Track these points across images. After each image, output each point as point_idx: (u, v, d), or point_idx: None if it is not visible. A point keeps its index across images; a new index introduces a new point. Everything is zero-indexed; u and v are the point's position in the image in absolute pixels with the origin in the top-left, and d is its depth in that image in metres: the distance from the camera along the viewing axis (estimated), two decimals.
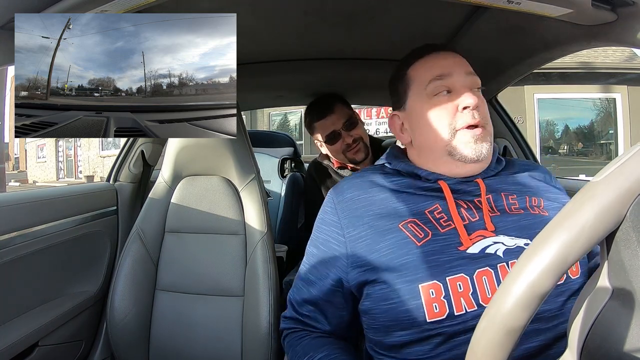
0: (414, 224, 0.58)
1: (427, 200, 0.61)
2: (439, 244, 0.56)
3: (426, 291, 0.54)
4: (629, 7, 0.60)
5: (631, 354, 0.24)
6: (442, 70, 0.63)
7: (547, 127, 7.22)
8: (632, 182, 0.24)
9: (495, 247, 0.56)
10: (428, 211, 0.60)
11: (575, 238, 0.25)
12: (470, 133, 0.60)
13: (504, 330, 0.26)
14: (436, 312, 0.53)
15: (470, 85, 0.62)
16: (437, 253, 0.56)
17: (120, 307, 0.94)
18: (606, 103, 6.89)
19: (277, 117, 9.02)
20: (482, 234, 0.57)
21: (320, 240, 0.67)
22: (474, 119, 0.60)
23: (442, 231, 0.57)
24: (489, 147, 0.61)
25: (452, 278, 0.54)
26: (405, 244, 0.57)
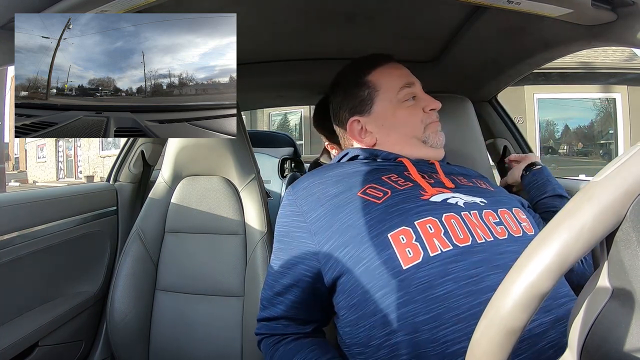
0: (371, 188, 0.61)
1: (383, 172, 0.65)
2: (399, 197, 0.58)
3: (396, 238, 0.53)
4: (629, 7, 0.60)
5: (631, 354, 0.24)
6: (408, 80, 0.74)
7: (547, 127, 7.22)
8: (632, 182, 0.24)
9: (455, 199, 0.59)
10: (385, 177, 0.63)
11: (575, 238, 0.25)
12: (435, 126, 0.74)
13: (504, 330, 0.26)
14: (410, 257, 0.51)
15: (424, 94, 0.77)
16: (401, 203, 0.57)
17: (120, 307, 0.94)
18: (606, 103, 6.89)
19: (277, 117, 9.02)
20: (441, 190, 0.61)
21: (283, 233, 0.66)
22: (436, 117, 0.74)
23: (401, 188, 0.60)
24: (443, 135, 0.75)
25: (420, 221, 0.54)
26: (366, 206, 0.58)
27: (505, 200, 0.65)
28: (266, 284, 0.67)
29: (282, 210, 0.68)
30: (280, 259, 0.65)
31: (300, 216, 0.64)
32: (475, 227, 0.55)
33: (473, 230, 0.54)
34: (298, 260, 0.62)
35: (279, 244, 0.67)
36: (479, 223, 0.56)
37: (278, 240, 0.67)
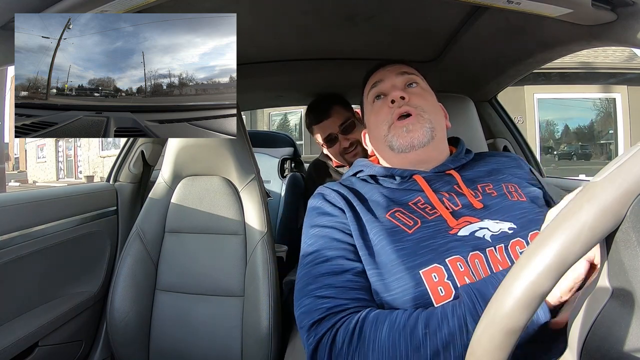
0: (400, 213, 0.59)
1: (408, 195, 0.63)
2: (430, 229, 0.57)
3: (428, 276, 0.52)
4: (629, 7, 0.60)
5: (631, 354, 0.24)
6: (375, 79, 0.73)
7: (547, 127, 7.22)
8: (631, 182, 0.24)
9: (482, 232, 0.57)
10: (411, 203, 0.61)
11: (575, 238, 0.25)
12: (400, 124, 0.66)
13: (504, 330, 0.26)
14: (442, 296, 0.51)
15: (402, 83, 0.71)
16: (430, 238, 0.56)
17: (120, 307, 0.94)
18: (606, 103, 6.88)
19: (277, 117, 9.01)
20: (468, 219, 0.58)
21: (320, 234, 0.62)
22: (402, 108, 0.66)
23: (430, 218, 0.59)
24: (424, 131, 0.65)
25: (451, 259, 0.53)
26: (396, 232, 0.57)
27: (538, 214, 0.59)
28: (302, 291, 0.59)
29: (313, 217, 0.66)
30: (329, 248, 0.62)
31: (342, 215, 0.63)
32: (498, 264, 0.53)
33: (494, 268, 0.53)
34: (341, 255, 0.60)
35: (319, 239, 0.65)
36: (503, 259, 0.54)
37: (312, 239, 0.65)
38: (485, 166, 0.70)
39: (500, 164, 0.71)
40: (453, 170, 0.66)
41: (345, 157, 1.30)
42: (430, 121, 0.67)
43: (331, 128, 1.28)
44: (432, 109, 0.69)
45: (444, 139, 0.71)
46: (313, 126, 1.33)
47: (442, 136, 0.70)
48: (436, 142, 0.67)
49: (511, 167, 0.70)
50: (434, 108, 0.70)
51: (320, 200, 0.67)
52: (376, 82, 0.73)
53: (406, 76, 0.72)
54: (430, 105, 0.69)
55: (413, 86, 0.72)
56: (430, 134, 0.66)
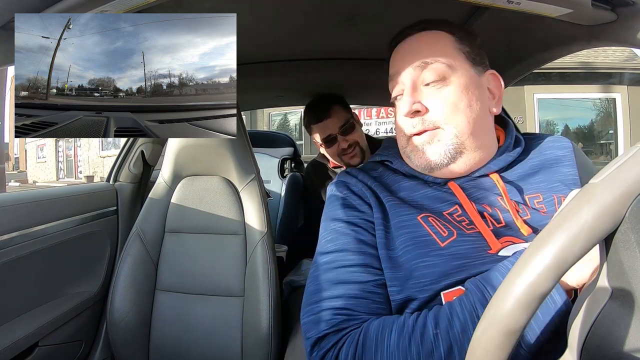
0: (434, 219, 0.50)
1: (444, 202, 0.53)
2: (466, 245, 0.48)
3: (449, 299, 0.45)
4: (629, 7, 0.60)
5: (631, 354, 0.24)
6: (393, 69, 0.59)
7: (547, 127, 7.22)
8: (630, 183, 0.24)
9: None
10: (447, 213, 0.52)
11: (574, 239, 0.25)
12: (417, 140, 0.54)
13: (504, 331, 0.26)
14: None
15: (420, 82, 0.55)
16: (465, 257, 0.46)
17: (120, 307, 0.94)
18: (606, 103, 6.89)
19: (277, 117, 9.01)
20: (511, 239, 0.48)
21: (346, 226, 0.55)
22: (413, 128, 0.54)
23: (468, 232, 0.49)
24: (442, 152, 0.53)
25: None
26: (425, 244, 0.48)
27: None
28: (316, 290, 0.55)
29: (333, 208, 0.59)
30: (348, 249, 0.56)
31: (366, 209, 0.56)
32: None
33: None
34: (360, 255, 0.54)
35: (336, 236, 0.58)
36: None
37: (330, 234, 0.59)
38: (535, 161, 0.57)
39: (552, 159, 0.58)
40: (496, 174, 0.55)
41: (343, 158, 1.30)
42: (455, 135, 0.53)
43: (331, 129, 1.28)
44: (460, 112, 0.53)
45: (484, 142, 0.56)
46: (312, 125, 1.33)
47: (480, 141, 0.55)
48: (468, 155, 0.54)
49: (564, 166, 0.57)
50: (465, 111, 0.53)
51: (344, 190, 0.58)
52: (393, 75, 0.59)
53: (427, 69, 0.55)
54: (455, 107, 0.53)
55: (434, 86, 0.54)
56: (454, 151, 0.53)
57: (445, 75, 0.54)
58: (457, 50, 0.56)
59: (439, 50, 0.55)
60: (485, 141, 0.57)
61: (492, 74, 0.60)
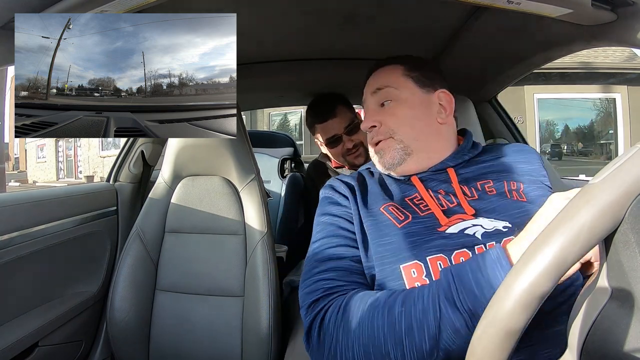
0: (394, 207, 0.62)
1: (407, 190, 0.66)
2: (418, 225, 0.58)
3: (408, 272, 0.55)
4: (629, 7, 0.60)
5: (631, 354, 0.24)
6: (364, 95, 0.74)
7: (547, 127, 7.22)
8: (630, 183, 0.24)
9: (474, 229, 0.57)
10: (408, 198, 0.64)
11: (574, 239, 0.25)
12: (376, 150, 0.70)
13: (504, 331, 0.26)
14: None
15: (376, 103, 0.71)
16: (417, 234, 0.57)
17: (120, 307, 0.94)
18: (606, 103, 6.89)
19: (277, 117, 9.02)
20: (461, 217, 0.59)
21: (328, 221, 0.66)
22: (372, 139, 0.70)
23: (422, 214, 0.60)
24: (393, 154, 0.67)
25: (432, 257, 0.55)
26: (386, 226, 0.60)
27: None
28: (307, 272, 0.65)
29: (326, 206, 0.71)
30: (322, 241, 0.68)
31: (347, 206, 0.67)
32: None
33: None
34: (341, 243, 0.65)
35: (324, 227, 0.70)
36: None
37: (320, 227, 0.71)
38: (491, 161, 0.69)
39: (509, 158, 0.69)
40: (451, 169, 0.66)
41: (348, 158, 1.29)
42: (400, 141, 0.67)
43: (336, 129, 1.27)
44: (407, 123, 0.68)
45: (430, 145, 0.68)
46: (316, 125, 1.31)
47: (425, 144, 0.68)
48: (416, 155, 0.67)
49: (520, 163, 0.68)
50: (409, 122, 0.68)
51: (330, 191, 0.71)
52: (363, 101, 0.75)
53: (379, 93, 0.70)
54: (403, 120, 0.68)
55: (387, 104, 0.70)
56: (403, 152, 0.67)
57: (392, 96, 0.69)
58: (405, 76, 0.71)
59: (389, 79, 0.71)
60: (434, 145, 0.69)
61: (443, 92, 0.72)
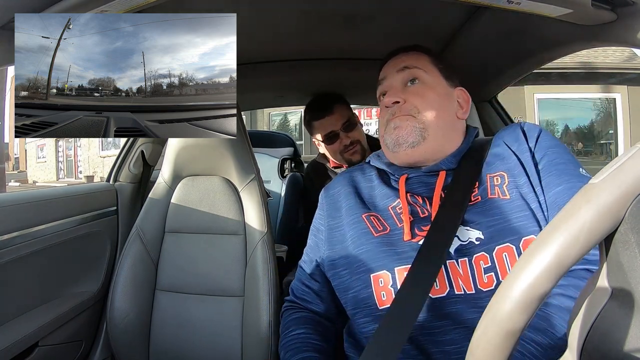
0: (375, 217, 0.64)
1: (389, 198, 0.65)
2: (393, 238, 0.60)
3: (376, 280, 0.58)
4: (629, 7, 0.60)
5: (631, 355, 0.24)
6: (380, 76, 0.72)
7: (547, 127, 7.22)
8: (630, 183, 0.24)
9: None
10: (391, 207, 0.64)
11: (573, 239, 0.25)
12: (392, 123, 0.66)
13: (503, 332, 0.26)
14: (384, 300, 0.57)
15: (402, 81, 0.69)
16: (390, 245, 0.59)
17: (120, 307, 0.94)
18: (606, 103, 6.89)
19: (277, 117, 9.01)
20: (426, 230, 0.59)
21: (313, 230, 0.75)
22: (392, 115, 0.66)
23: (400, 225, 0.61)
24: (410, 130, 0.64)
25: (400, 268, 0.57)
26: (364, 234, 0.62)
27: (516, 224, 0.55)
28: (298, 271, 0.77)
29: (317, 209, 0.76)
30: (307, 253, 0.75)
31: (323, 220, 0.72)
32: (458, 277, 0.54)
33: (454, 281, 0.54)
34: (317, 260, 0.71)
35: (309, 239, 0.76)
36: (464, 273, 0.54)
37: (309, 236, 0.76)
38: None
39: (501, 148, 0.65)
40: (444, 172, 0.64)
41: (345, 155, 1.30)
42: (422, 122, 0.64)
43: (333, 125, 1.28)
44: (431, 106, 0.64)
45: (446, 136, 0.66)
46: (314, 122, 1.33)
47: (443, 133, 0.65)
48: (430, 142, 0.64)
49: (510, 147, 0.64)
50: (434, 105, 0.64)
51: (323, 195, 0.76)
52: (381, 80, 0.71)
53: (407, 72, 0.68)
54: (428, 102, 0.64)
55: (414, 83, 0.67)
56: (420, 134, 0.63)
57: (421, 77, 0.68)
58: (432, 64, 0.70)
59: (417, 61, 0.69)
60: (449, 136, 0.67)
61: (461, 90, 0.72)
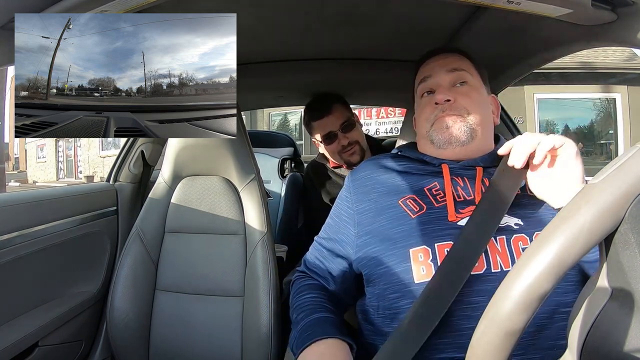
0: (412, 199, 0.65)
1: (427, 179, 0.67)
2: (432, 216, 0.62)
3: (415, 255, 0.59)
4: (629, 7, 0.60)
5: (631, 354, 0.24)
6: (425, 74, 0.73)
7: (547, 127, 7.22)
8: (630, 183, 0.24)
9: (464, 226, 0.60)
10: (427, 188, 0.66)
11: (573, 239, 0.25)
12: (442, 121, 0.68)
13: (503, 332, 0.26)
14: (422, 274, 0.57)
15: (450, 82, 0.71)
16: (429, 223, 0.61)
17: (120, 307, 0.94)
18: (606, 103, 6.88)
19: (277, 117, 9.01)
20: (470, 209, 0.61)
21: (335, 212, 0.76)
22: (443, 113, 0.68)
23: (437, 205, 0.63)
24: (463, 130, 0.67)
25: (440, 244, 0.58)
26: (402, 217, 0.63)
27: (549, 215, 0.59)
28: (313, 247, 0.79)
29: (341, 191, 0.77)
30: (327, 234, 0.76)
31: (350, 204, 0.72)
32: (496, 254, 0.56)
33: (492, 258, 0.56)
34: (339, 241, 0.72)
35: (330, 219, 0.77)
36: (502, 250, 0.57)
37: (330, 216, 0.77)
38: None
39: None
40: (480, 167, 0.66)
41: (343, 155, 1.30)
42: (470, 123, 0.67)
43: (332, 125, 1.29)
44: (478, 108, 0.68)
45: (487, 138, 0.71)
46: (313, 122, 1.33)
47: (486, 135, 0.70)
48: (477, 143, 0.68)
49: None
50: (480, 107, 0.69)
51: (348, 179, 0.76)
52: (425, 77, 0.72)
53: (456, 73, 0.70)
54: (476, 104, 0.68)
55: (461, 86, 0.70)
56: (470, 134, 0.67)
57: (468, 80, 0.71)
58: (474, 69, 0.73)
59: (463, 64, 0.72)
60: (487, 138, 0.71)
61: (493, 96, 0.77)
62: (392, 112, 7.56)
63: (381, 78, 1.29)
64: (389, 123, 7.68)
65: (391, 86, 1.38)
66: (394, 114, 7.51)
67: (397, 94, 1.55)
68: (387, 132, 7.58)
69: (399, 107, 3.69)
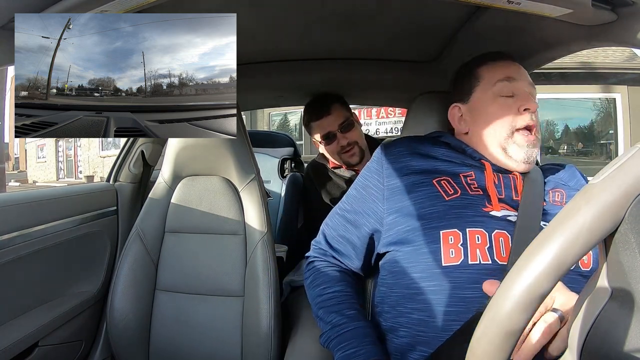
0: (446, 181, 0.65)
1: (464, 167, 0.67)
2: (465, 202, 0.62)
3: (446, 237, 0.58)
4: (629, 7, 0.60)
5: (631, 354, 0.24)
6: (510, 74, 0.70)
7: (547, 127, 7.21)
8: (630, 183, 0.24)
9: (515, 217, 0.60)
10: (462, 175, 0.66)
11: (573, 239, 0.25)
12: (525, 138, 0.67)
13: (504, 332, 0.26)
14: (451, 257, 0.57)
15: (528, 92, 0.70)
16: (462, 208, 0.61)
17: (120, 307, 0.94)
18: (606, 103, 6.88)
19: (277, 117, 9.01)
20: (506, 207, 0.62)
21: (361, 184, 0.73)
22: (532, 121, 0.67)
23: (471, 193, 0.63)
24: (536, 153, 0.68)
25: (471, 230, 0.58)
26: (435, 197, 0.63)
27: None
28: (332, 220, 0.77)
29: (370, 163, 0.75)
30: (351, 206, 0.74)
31: (380, 177, 0.70)
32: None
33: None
34: (364, 214, 0.70)
35: (354, 191, 0.75)
36: None
37: (354, 187, 0.75)
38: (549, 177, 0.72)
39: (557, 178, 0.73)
40: (518, 174, 0.69)
41: (342, 156, 1.30)
42: (540, 144, 0.70)
43: (331, 126, 1.29)
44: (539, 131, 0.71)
45: None
46: (312, 123, 1.33)
47: None
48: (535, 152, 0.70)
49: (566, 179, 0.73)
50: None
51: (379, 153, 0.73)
52: (510, 78, 0.70)
53: (533, 89, 0.72)
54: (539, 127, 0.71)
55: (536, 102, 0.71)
56: (536, 156, 0.69)
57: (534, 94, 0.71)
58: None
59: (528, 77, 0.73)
60: None
61: None
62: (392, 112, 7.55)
63: (381, 78, 1.29)
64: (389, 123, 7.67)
65: (391, 86, 1.38)
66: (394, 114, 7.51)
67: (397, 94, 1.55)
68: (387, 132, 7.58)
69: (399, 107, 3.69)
